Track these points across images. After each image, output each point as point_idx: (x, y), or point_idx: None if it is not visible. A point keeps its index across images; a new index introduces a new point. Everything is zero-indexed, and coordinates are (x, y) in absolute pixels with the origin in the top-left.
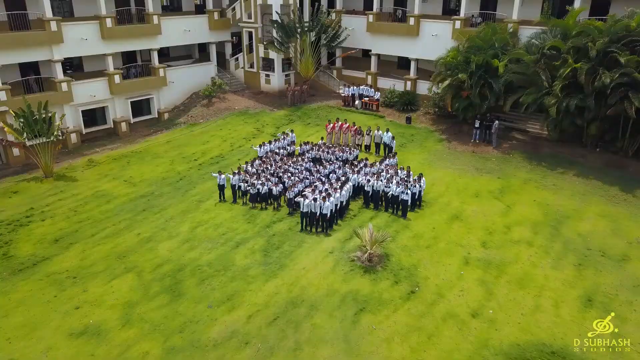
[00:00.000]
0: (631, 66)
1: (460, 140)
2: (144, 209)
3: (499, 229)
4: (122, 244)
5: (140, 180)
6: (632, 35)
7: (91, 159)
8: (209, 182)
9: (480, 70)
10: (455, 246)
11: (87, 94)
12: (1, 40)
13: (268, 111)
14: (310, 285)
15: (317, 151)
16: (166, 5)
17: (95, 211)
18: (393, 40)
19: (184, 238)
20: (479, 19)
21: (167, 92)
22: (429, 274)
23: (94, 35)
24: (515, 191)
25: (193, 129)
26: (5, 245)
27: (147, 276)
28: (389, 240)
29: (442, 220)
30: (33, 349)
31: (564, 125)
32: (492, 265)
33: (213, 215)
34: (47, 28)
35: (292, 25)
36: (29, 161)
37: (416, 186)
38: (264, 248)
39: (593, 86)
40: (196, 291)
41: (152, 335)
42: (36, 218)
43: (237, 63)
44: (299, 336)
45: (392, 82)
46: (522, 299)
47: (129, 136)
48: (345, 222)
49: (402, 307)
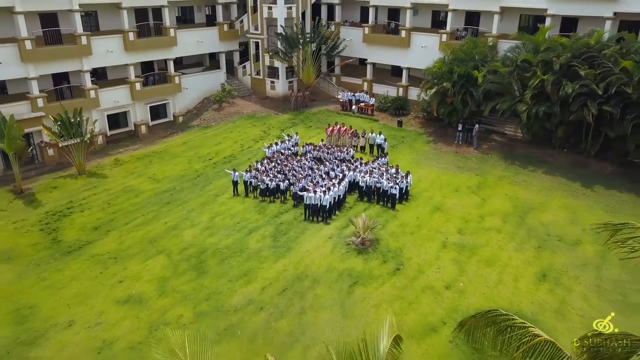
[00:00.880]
0: (589, 78)
1: (445, 142)
2: (168, 202)
3: (474, 218)
4: (152, 231)
5: (162, 177)
6: (591, 52)
7: (117, 158)
8: (223, 178)
9: (462, 80)
10: (436, 232)
11: (112, 100)
12: (40, 53)
13: (273, 115)
14: (312, 263)
15: (318, 151)
16: (179, 17)
17: (126, 204)
18: (387, 51)
19: (205, 226)
20: (463, 32)
21: (181, 98)
22: (412, 255)
23: (118, 48)
24: (490, 186)
25: (206, 131)
26: (53, 232)
27: (176, 257)
28: (379, 227)
29: (425, 211)
30: (88, 312)
31: (535, 129)
32: (465, 248)
33: (228, 207)
34: (78, 42)
35: (295, 37)
36: (61, 160)
37: (404, 182)
38: (273, 234)
39: (558, 95)
40: (217, 269)
41: (184, 302)
42: (76, 209)
43: (244, 70)
44: (303, 303)
45: (385, 88)
46: (488, 274)
47: (148, 138)
48: (342, 212)
49: (389, 281)
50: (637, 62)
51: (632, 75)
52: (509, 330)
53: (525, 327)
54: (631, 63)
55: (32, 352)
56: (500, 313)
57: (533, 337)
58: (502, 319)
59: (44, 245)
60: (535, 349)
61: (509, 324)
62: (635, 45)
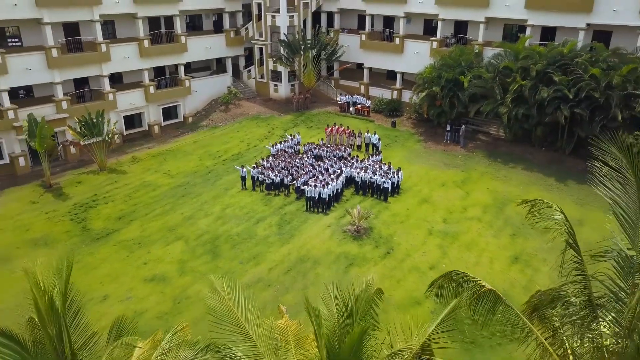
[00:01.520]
0: (563, 84)
1: (435, 141)
2: (183, 195)
3: (458, 209)
4: (170, 221)
5: (176, 173)
6: (564, 60)
7: (134, 156)
8: (232, 174)
9: (450, 84)
10: (423, 222)
11: (128, 102)
12: (64, 60)
13: (277, 116)
14: (313, 248)
15: (318, 150)
16: (188, 23)
17: (145, 197)
18: (382, 56)
19: (217, 216)
20: (452, 39)
21: (191, 100)
22: (401, 241)
23: (134, 54)
24: (474, 181)
25: (214, 131)
26: (82, 221)
27: (193, 243)
28: (373, 217)
29: (414, 203)
30: (119, 289)
31: (515, 129)
32: (448, 235)
33: (238, 200)
34: (99, 49)
35: (296, 43)
36: (82, 157)
37: (395, 177)
38: (278, 223)
39: (535, 99)
40: (230, 253)
41: (202, 280)
42: (100, 202)
43: (249, 74)
44: (305, 281)
45: (381, 91)
46: (468, 257)
47: (161, 137)
48: (340, 204)
49: (380, 262)
50: (604, 69)
51: (600, 81)
52: (464, 284)
53: (476, 281)
54: (599, 70)
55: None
56: (458, 272)
57: (480, 288)
58: (460, 276)
59: (75, 233)
60: (482, 296)
61: (464, 279)
62: (603, 54)
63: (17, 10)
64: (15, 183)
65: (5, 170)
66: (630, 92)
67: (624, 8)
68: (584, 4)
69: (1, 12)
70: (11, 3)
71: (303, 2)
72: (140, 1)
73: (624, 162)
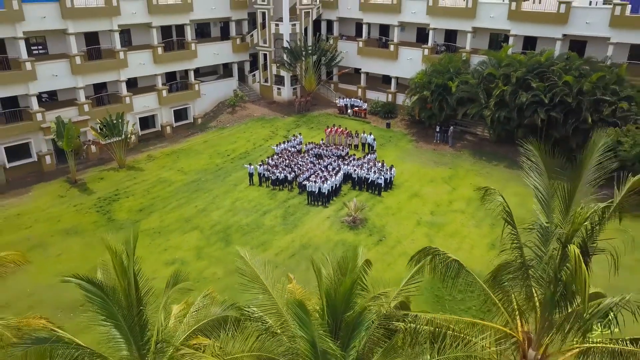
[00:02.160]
0: (540, 90)
1: (425, 141)
2: (196, 190)
3: (444, 202)
4: (186, 213)
5: (189, 170)
6: (541, 67)
7: (150, 155)
8: (240, 171)
9: (439, 89)
10: (412, 214)
11: (143, 105)
12: (87, 67)
13: (280, 117)
14: (314, 236)
15: (318, 149)
16: (197, 30)
17: (162, 191)
18: (378, 62)
19: (228, 208)
20: (443, 47)
21: (200, 102)
22: (392, 230)
23: (148, 61)
24: (460, 177)
25: (222, 131)
26: (107, 213)
27: (207, 232)
28: (367, 209)
29: (405, 197)
30: (145, 270)
31: (498, 130)
32: (435, 225)
33: (246, 194)
34: (117, 57)
35: (298, 50)
36: (102, 156)
37: (388, 174)
38: (283, 215)
39: (515, 103)
40: (241, 240)
41: (217, 264)
42: (122, 196)
43: (254, 78)
44: (308, 264)
45: (377, 94)
46: (450, 244)
47: (172, 137)
48: (338, 198)
49: (374, 248)
50: (576, 77)
51: (572, 87)
52: (437, 257)
53: (445, 254)
54: (571, 78)
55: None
56: (432, 248)
57: (447, 258)
58: (433, 251)
59: (101, 223)
60: (449, 265)
61: (436, 252)
62: (576, 62)
63: (45, 22)
64: (42, 179)
65: (33, 167)
66: (599, 97)
67: (596, 20)
68: (560, 17)
69: (32, 24)
70: (40, 15)
71: (304, 11)
72: (154, 11)
73: (539, 158)
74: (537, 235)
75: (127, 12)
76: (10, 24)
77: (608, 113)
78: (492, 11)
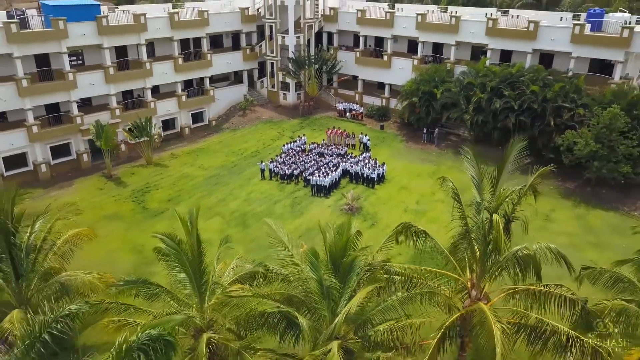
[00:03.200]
0: (511, 97)
1: (414, 141)
2: (215, 184)
3: (428, 194)
4: (208, 202)
5: (208, 167)
6: (512, 78)
7: (172, 153)
8: (253, 167)
9: (426, 95)
10: (400, 203)
11: (165, 109)
12: (119, 76)
13: (286, 120)
14: (318, 221)
15: (320, 148)
16: (211, 42)
17: (186, 185)
18: (373, 70)
19: (244, 199)
20: (430, 58)
21: (214, 106)
22: (383, 217)
23: (170, 70)
24: (442, 173)
25: (235, 133)
26: (142, 202)
27: (227, 218)
28: (362, 199)
29: (395, 189)
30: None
31: (477, 132)
32: (419, 213)
33: (259, 187)
34: (144, 67)
35: (302, 59)
36: (130, 154)
37: (380, 169)
38: (291, 204)
39: (490, 109)
40: (256, 225)
41: (238, 244)
42: (152, 188)
43: (262, 84)
44: (313, 244)
45: (372, 99)
46: (430, 228)
47: (190, 138)
48: (338, 190)
49: (367, 231)
50: (541, 86)
51: (538, 95)
52: (411, 229)
53: (414, 226)
54: (537, 87)
55: (149, 269)
56: (407, 223)
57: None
58: (409, 225)
59: (137, 211)
60: (418, 234)
61: (410, 226)
62: (542, 74)
63: (85, 38)
64: (81, 174)
65: (73, 164)
66: (560, 104)
67: (559, 37)
68: (529, 33)
69: (74, 40)
70: (81, 33)
71: (307, 25)
72: (176, 27)
73: (472, 156)
74: (473, 209)
75: (153, 28)
76: (57, 41)
77: (567, 118)
78: (472, 28)
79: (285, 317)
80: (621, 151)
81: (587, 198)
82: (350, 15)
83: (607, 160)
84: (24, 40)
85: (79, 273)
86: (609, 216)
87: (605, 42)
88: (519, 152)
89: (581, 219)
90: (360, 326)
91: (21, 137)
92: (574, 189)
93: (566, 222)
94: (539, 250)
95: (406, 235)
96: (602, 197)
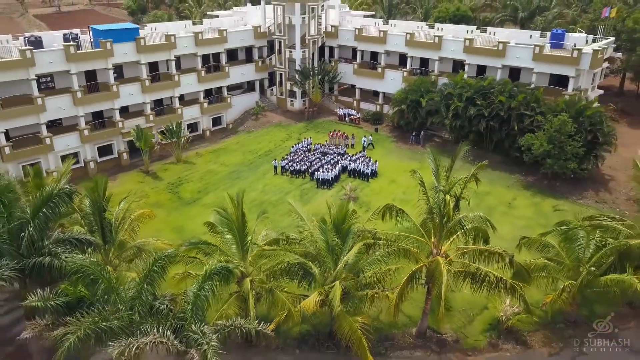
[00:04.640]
0: (483, 106)
1: (403, 142)
2: (236, 178)
3: (413, 186)
4: (232, 193)
5: (229, 164)
6: (484, 90)
7: (198, 152)
8: (267, 165)
9: (413, 103)
10: (390, 194)
11: (190, 114)
12: (153, 87)
13: (293, 124)
14: (322, 208)
15: (323, 148)
16: (228, 55)
17: (212, 179)
18: (369, 80)
19: (261, 190)
20: (418, 70)
21: (230, 111)
22: (375, 204)
23: (194, 81)
24: (426, 169)
25: (249, 135)
26: (177, 193)
27: (248, 205)
28: (358, 190)
29: (385, 182)
30: None
31: (456, 135)
32: (405, 201)
33: (272, 181)
34: (173, 79)
35: (307, 71)
36: (161, 154)
37: (373, 166)
38: (300, 195)
39: (466, 115)
40: (272, 210)
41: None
42: (184, 181)
43: (272, 92)
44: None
45: (368, 105)
46: (413, 212)
47: (211, 139)
48: (338, 183)
49: (362, 215)
50: (507, 97)
51: (504, 104)
52: (392, 209)
53: (395, 206)
54: (504, 97)
55: None
56: (389, 203)
57: (397, 208)
58: (391, 205)
59: (174, 200)
60: (398, 212)
61: (391, 206)
62: (509, 86)
63: (126, 56)
64: (122, 170)
65: (114, 162)
66: (522, 112)
67: (523, 55)
68: (499, 52)
69: (117, 58)
70: (123, 52)
71: (312, 41)
72: (200, 44)
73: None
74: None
75: (181, 45)
76: (104, 59)
77: (528, 123)
78: (453, 46)
79: (302, 268)
80: (569, 151)
81: (543, 189)
82: (349, 32)
83: (557, 158)
84: (80, 59)
85: (150, 240)
86: (559, 204)
87: (559, 60)
88: (465, 152)
89: (537, 206)
90: (355, 274)
91: (75, 139)
92: (534, 182)
93: (525, 208)
94: (474, 218)
95: (389, 213)
96: (555, 188)
